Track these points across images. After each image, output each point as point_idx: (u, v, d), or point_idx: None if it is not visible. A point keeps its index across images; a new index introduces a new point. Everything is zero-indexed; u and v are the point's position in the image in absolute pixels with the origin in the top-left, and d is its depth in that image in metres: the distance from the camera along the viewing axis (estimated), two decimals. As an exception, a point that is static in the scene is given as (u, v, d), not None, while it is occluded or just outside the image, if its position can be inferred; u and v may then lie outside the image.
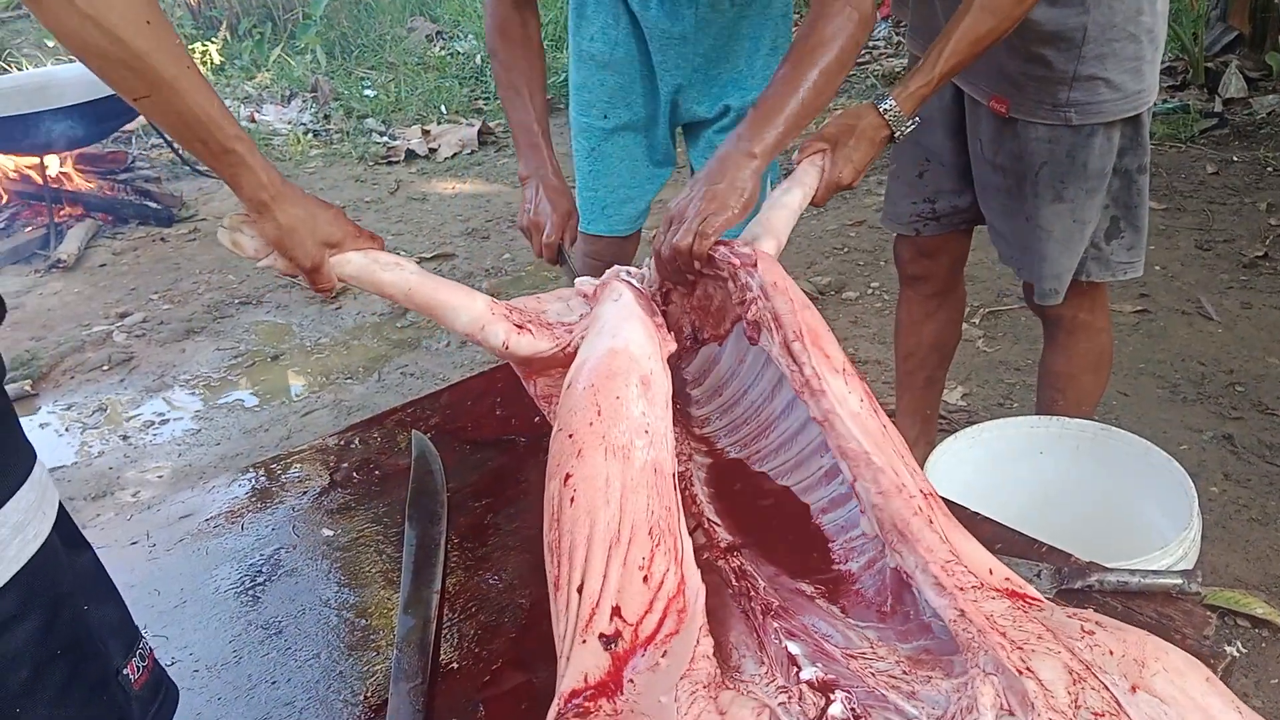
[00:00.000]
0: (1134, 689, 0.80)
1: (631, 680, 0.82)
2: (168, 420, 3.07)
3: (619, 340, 1.08)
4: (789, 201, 1.39)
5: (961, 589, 0.86)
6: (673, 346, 1.13)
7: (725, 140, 1.35)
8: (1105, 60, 1.68)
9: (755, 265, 1.16)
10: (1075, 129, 1.73)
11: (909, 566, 0.91)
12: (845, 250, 3.87)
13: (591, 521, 0.92)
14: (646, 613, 0.87)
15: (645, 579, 0.89)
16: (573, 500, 0.94)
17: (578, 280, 1.34)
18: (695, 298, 1.29)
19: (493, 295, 1.27)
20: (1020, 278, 1.97)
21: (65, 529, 0.77)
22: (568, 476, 0.96)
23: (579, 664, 0.84)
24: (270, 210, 1.12)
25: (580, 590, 0.88)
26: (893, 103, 1.43)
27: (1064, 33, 1.66)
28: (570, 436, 0.99)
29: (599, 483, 0.94)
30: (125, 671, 0.78)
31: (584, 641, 0.86)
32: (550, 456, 1.02)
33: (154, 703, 0.82)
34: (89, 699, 0.74)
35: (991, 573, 0.89)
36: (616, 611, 0.87)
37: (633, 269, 1.31)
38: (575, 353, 1.15)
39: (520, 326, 1.22)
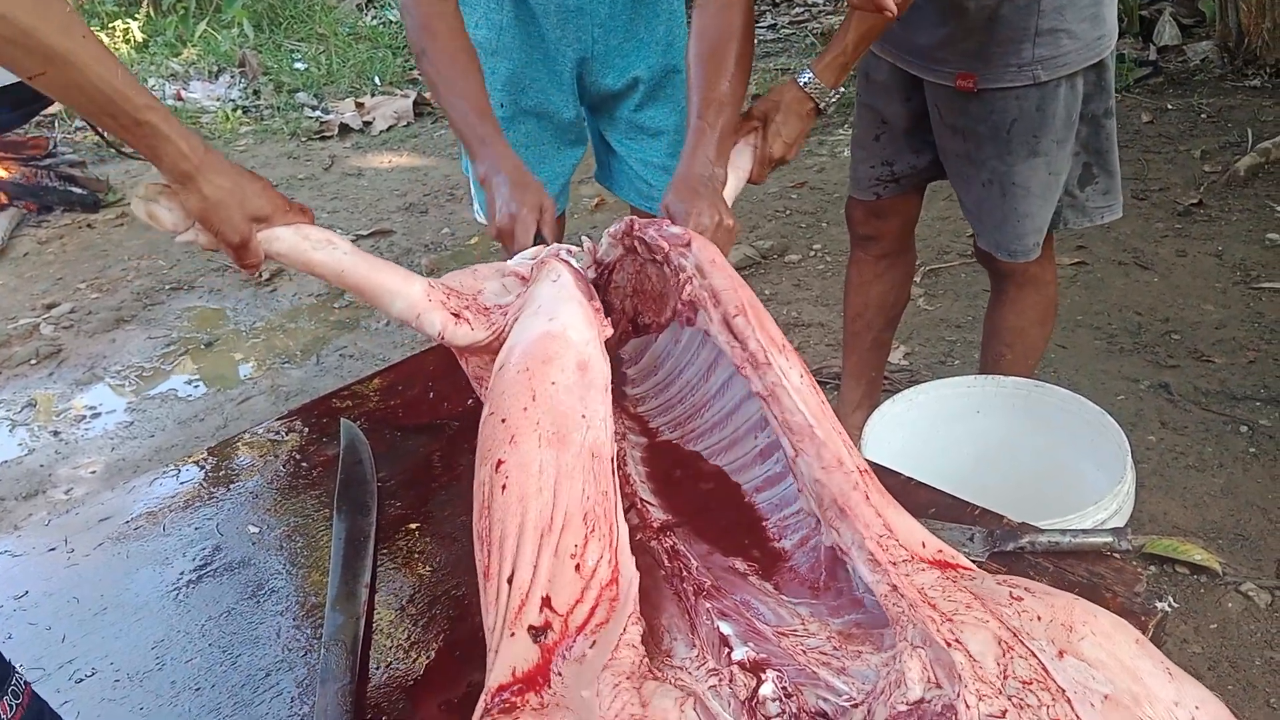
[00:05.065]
0: (1061, 654, 0.79)
1: (559, 673, 0.80)
2: (99, 414, 2.99)
3: (556, 324, 1.04)
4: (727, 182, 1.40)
5: (894, 564, 0.85)
6: (609, 332, 1.09)
7: (682, 162, 1.37)
8: (1064, 11, 1.68)
9: (688, 245, 1.14)
10: (1041, 84, 1.72)
11: (845, 543, 0.89)
12: (787, 213, 3.86)
13: (524, 510, 0.89)
14: (578, 602, 0.84)
15: (577, 568, 0.86)
16: (504, 488, 0.91)
17: (513, 260, 1.27)
18: (634, 281, 1.26)
19: (432, 272, 1.22)
20: (985, 241, 1.95)
21: None
22: (499, 463, 0.93)
23: (507, 657, 0.82)
24: (195, 181, 1.06)
25: (510, 581, 0.86)
26: (811, 75, 1.45)
27: None
28: (503, 421, 0.96)
29: (532, 470, 0.91)
30: None
31: (513, 634, 0.83)
32: (481, 441, 0.99)
33: None
34: None
35: (924, 545, 0.88)
36: (547, 602, 0.85)
37: (572, 248, 1.25)
38: (509, 336, 1.12)
39: (458, 315, 1.17)
